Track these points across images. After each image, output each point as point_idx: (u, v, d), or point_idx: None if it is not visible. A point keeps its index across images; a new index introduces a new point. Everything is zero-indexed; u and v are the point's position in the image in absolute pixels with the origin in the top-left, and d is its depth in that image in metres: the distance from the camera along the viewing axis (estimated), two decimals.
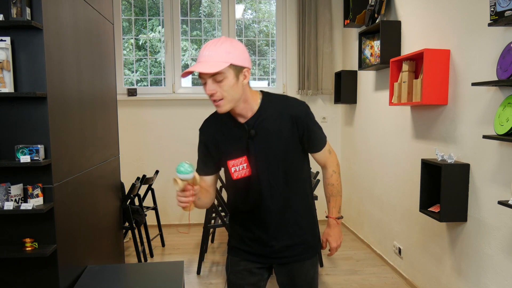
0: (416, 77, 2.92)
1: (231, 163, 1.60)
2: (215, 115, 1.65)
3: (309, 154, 1.72)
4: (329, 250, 1.78)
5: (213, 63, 1.41)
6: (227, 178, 1.68)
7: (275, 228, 1.66)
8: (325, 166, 1.73)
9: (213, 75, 1.42)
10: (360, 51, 3.93)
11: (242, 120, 1.58)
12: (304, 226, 1.71)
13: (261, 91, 1.62)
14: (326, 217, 1.76)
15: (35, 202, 2.09)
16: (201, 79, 1.46)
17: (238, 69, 1.46)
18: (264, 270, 1.75)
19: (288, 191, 1.64)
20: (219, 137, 1.62)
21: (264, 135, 1.57)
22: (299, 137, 1.60)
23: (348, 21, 4.24)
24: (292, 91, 4.96)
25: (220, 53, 1.42)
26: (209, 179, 1.67)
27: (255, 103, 1.57)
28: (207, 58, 1.42)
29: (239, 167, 1.60)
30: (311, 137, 1.62)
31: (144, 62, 5.01)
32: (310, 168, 1.78)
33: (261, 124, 1.57)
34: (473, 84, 2.22)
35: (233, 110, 1.54)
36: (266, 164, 1.59)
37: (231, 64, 1.43)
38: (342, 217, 1.75)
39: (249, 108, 1.56)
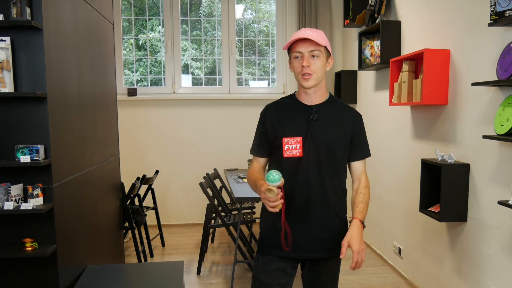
0: (416, 77, 2.92)
1: (286, 140, 1.68)
2: (279, 101, 1.80)
3: (348, 165, 1.80)
4: (352, 263, 1.66)
5: (317, 39, 1.60)
6: (275, 160, 1.75)
7: (315, 216, 1.70)
8: (360, 179, 1.80)
9: (312, 51, 1.61)
10: (360, 51, 3.93)
11: (309, 103, 1.71)
12: (340, 222, 1.77)
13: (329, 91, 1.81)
14: (350, 221, 1.75)
15: (35, 202, 2.09)
16: (296, 53, 1.64)
17: (327, 54, 1.67)
18: (293, 271, 1.79)
19: (332, 182, 1.71)
20: (280, 115, 1.73)
21: (325, 122, 1.69)
22: (351, 138, 1.72)
23: (348, 21, 4.24)
24: (292, 91, 4.95)
25: (320, 34, 1.63)
26: (262, 160, 1.81)
27: (325, 95, 1.75)
28: (310, 36, 1.60)
29: (292, 146, 1.68)
30: (360, 142, 1.75)
31: (144, 62, 5.01)
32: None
33: (325, 113, 1.70)
34: (473, 84, 2.22)
35: (306, 92, 1.69)
36: (318, 149, 1.67)
37: (325, 47, 1.64)
38: (365, 226, 1.74)
39: (320, 95, 1.72)
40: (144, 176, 3.97)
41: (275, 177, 1.51)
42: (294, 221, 1.71)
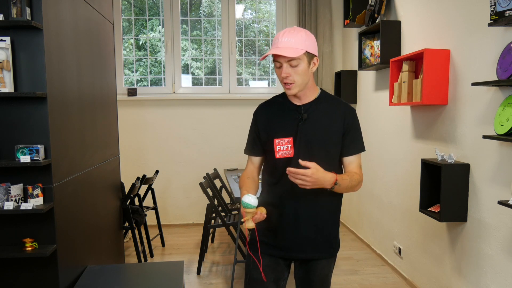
0: (416, 77, 2.92)
1: (277, 141, 1.68)
2: (272, 99, 1.79)
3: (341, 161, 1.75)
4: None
5: (292, 49, 1.54)
6: (267, 161, 1.77)
7: (305, 217, 1.70)
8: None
9: (290, 60, 1.56)
10: (360, 51, 3.93)
11: (298, 103, 1.69)
12: (330, 223, 1.76)
13: (320, 88, 1.76)
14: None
15: (35, 202, 2.09)
16: (276, 62, 1.60)
17: (310, 57, 1.60)
18: (285, 268, 1.79)
19: None
20: (271, 116, 1.72)
21: (315, 121, 1.67)
22: (343, 134, 1.69)
23: (348, 21, 4.24)
24: None
25: (298, 40, 1.55)
26: (256, 160, 1.80)
27: (314, 94, 1.71)
28: (286, 44, 1.55)
29: (283, 147, 1.67)
30: (353, 137, 1.71)
31: (144, 62, 5.01)
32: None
33: (314, 111, 1.68)
34: (473, 84, 2.22)
35: (298, 93, 1.64)
36: (309, 149, 1.66)
37: (306, 51, 1.56)
38: (335, 186, 1.58)
39: (309, 95, 1.69)
40: (144, 176, 3.97)
41: (249, 204, 1.52)
42: (285, 221, 1.71)
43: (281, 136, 1.67)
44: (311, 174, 1.49)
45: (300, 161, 1.52)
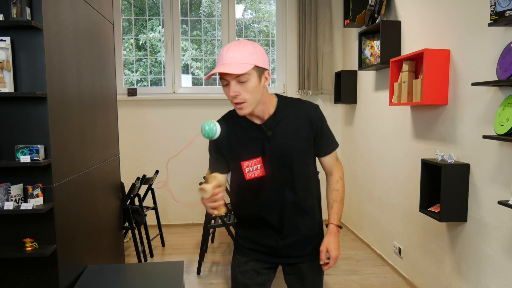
0: (416, 77, 2.92)
1: (245, 164, 1.60)
2: (229, 116, 1.65)
3: (317, 160, 1.72)
4: (328, 260, 1.65)
5: (238, 65, 1.41)
6: (237, 180, 1.68)
7: (290, 224, 1.66)
8: (331, 172, 1.73)
9: (238, 77, 1.42)
10: (360, 51, 3.93)
11: (258, 122, 1.59)
12: (313, 227, 1.73)
13: (275, 94, 1.64)
14: (326, 225, 1.73)
15: (35, 202, 2.09)
16: (223, 80, 1.45)
17: (260, 71, 1.47)
18: (271, 271, 1.76)
19: (300, 192, 1.65)
20: (233, 138, 1.62)
21: (281, 136, 1.58)
22: (313, 138, 1.61)
23: (348, 21, 4.24)
24: (292, 91, 4.96)
25: (244, 54, 1.42)
26: (221, 177, 1.67)
27: (272, 105, 1.58)
28: (232, 60, 1.41)
29: (253, 168, 1.60)
30: (324, 138, 1.64)
31: (144, 62, 5.01)
32: (318, 173, 1.77)
33: (278, 126, 1.58)
34: (473, 84, 2.22)
35: (251, 112, 1.52)
36: (281, 164, 1.60)
37: (254, 66, 1.43)
38: (341, 227, 1.71)
39: (266, 110, 1.56)
40: (144, 176, 3.97)
41: (212, 129, 1.39)
42: (268, 231, 1.68)
43: (248, 158, 1.59)
44: (335, 256, 1.61)
45: (320, 262, 1.61)
